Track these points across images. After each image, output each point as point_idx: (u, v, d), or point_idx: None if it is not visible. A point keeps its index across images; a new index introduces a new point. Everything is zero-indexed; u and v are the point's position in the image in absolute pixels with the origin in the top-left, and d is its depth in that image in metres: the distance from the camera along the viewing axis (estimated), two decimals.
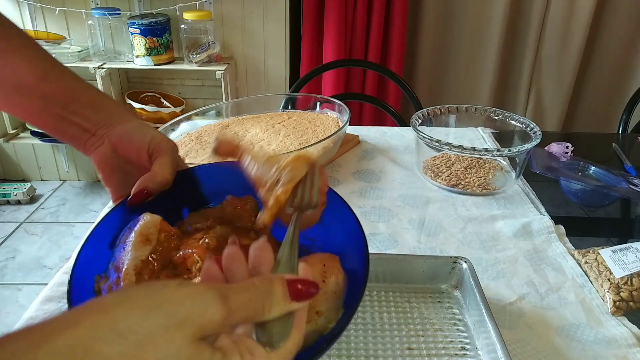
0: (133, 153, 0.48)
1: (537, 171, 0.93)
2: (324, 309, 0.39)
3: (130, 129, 0.49)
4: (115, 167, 0.49)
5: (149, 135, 0.49)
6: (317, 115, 1.09)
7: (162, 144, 0.48)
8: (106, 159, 0.49)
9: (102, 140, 0.49)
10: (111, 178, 0.50)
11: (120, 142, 0.49)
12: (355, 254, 0.42)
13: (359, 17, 2.11)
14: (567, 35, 2.21)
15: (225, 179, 0.50)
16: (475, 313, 0.57)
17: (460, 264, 0.63)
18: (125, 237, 0.42)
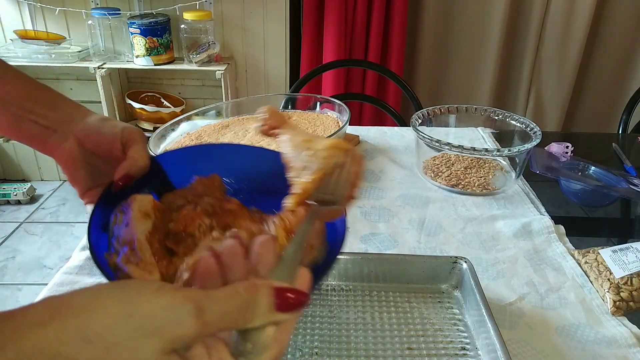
0: (104, 145, 0.49)
1: (537, 171, 0.93)
2: (316, 243, 0.44)
3: (97, 122, 0.50)
4: (82, 161, 0.50)
5: (120, 126, 0.50)
6: (317, 115, 1.09)
7: (134, 133, 0.50)
8: (73, 154, 0.49)
9: (66, 136, 0.49)
10: (78, 172, 0.50)
11: (88, 136, 0.49)
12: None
13: (359, 17, 2.11)
14: (567, 35, 2.21)
15: (187, 165, 0.54)
16: (475, 313, 0.57)
17: (460, 264, 0.63)
18: (121, 218, 0.44)
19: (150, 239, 0.43)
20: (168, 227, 0.45)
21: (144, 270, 0.42)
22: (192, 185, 0.52)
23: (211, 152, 0.57)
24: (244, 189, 0.55)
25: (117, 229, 0.44)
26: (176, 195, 0.50)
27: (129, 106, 2.25)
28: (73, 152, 0.49)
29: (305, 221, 0.37)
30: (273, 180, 0.53)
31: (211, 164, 0.54)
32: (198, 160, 0.54)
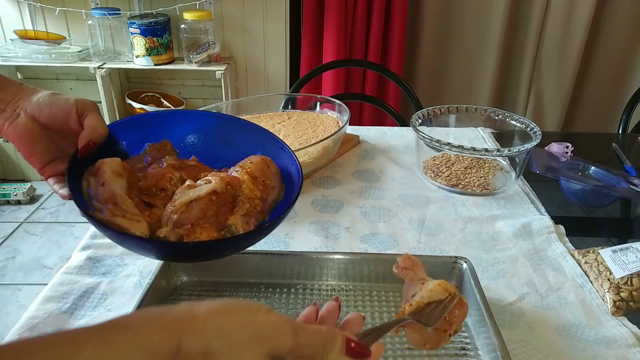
0: (59, 117, 0.50)
1: (537, 171, 0.93)
2: (275, 184, 0.54)
3: (48, 97, 0.51)
4: (37, 136, 0.51)
5: (73, 98, 0.51)
6: (317, 115, 1.09)
7: (88, 103, 0.51)
8: (27, 129, 0.50)
9: (17, 114, 0.50)
10: (35, 147, 0.51)
11: (40, 110, 0.50)
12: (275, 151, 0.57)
13: (359, 17, 2.11)
14: (567, 35, 2.21)
15: (135, 133, 0.57)
16: (476, 313, 0.57)
17: (460, 264, 0.63)
18: (93, 181, 0.48)
19: (129, 194, 0.47)
20: (138, 186, 0.50)
21: (132, 220, 0.46)
22: (146, 151, 0.55)
23: (156, 119, 0.60)
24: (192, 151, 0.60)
25: (93, 190, 0.47)
26: (134, 161, 0.54)
27: (129, 106, 2.25)
28: (27, 127, 0.50)
29: (396, 320, 0.45)
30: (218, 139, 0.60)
31: (158, 131, 0.58)
32: (144, 128, 0.58)
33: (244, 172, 0.52)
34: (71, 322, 0.60)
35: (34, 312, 0.61)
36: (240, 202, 0.50)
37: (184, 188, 0.49)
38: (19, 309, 1.74)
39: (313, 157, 0.90)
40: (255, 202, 0.51)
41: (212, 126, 0.61)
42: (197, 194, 0.47)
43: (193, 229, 0.47)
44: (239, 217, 0.49)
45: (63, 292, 0.64)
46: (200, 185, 0.49)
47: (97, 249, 0.73)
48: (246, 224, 0.49)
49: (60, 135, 0.52)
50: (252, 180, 0.52)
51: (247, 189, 0.51)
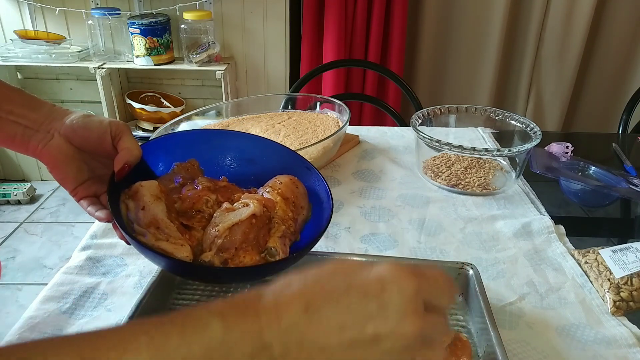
0: (93, 139, 0.51)
1: (537, 171, 0.93)
2: (304, 204, 0.55)
3: (82, 118, 0.51)
4: (70, 158, 0.51)
5: (106, 120, 0.51)
6: (317, 115, 1.09)
7: (122, 125, 0.52)
8: (61, 151, 0.50)
9: (51, 134, 0.50)
10: (68, 170, 0.51)
11: (74, 132, 0.50)
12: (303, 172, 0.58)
13: (359, 17, 2.11)
14: (567, 35, 2.21)
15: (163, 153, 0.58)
16: (479, 320, 0.57)
17: (467, 270, 0.62)
18: (132, 205, 0.48)
19: (169, 217, 0.48)
20: (175, 208, 0.50)
21: (176, 244, 0.47)
22: (174, 170, 0.56)
23: (183, 140, 0.62)
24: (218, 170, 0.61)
25: (133, 214, 0.48)
26: (164, 180, 0.54)
27: (129, 106, 2.25)
28: (61, 149, 0.50)
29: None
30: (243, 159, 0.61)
31: (185, 151, 0.59)
32: (172, 148, 0.59)
33: (276, 194, 0.53)
34: (71, 322, 0.60)
35: (34, 312, 0.61)
36: (276, 223, 0.51)
37: (223, 211, 0.50)
38: (19, 309, 1.74)
39: (313, 157, 0.89)
40: (289, 223, 0.52)
41: (237, 145, 0.62)
42: (239, 218, 0.48)
43: (237, 252, 0.47)
44: (277, 239, 0.50)
45: (63, 292, 0.64)
46: (239, 208, 0.50)
47: (97, 249, 0.73)
48: (284, 246, 0.50)
49: (92, 157, 0.53)
50: (284, 201, 0.53)
51: (281, 210, 0.52)
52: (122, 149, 0.51)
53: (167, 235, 0.47)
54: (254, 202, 0.50)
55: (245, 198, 0.52)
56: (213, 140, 0.62)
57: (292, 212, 0.53)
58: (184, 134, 0.62)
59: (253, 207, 0.49)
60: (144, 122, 2.27)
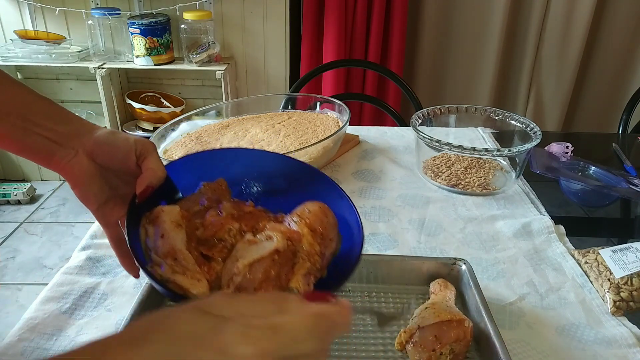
0: (118, 158, 0.49)
1: (537, 171, 0.93)
2: (333, 235, 0.51)
3: (108, 135, 0.49)
4: (93, 176, 0.49)
5: (132, 138, 0.50)
6: (317, 115, 1.09)
7: (148, 144, 0.50)
8: (84, 168, 0.48)
9: (75, 150, 0.48)
10: (90, 188, 0.49)
11: (100, 150, 0.49)
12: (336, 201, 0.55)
13: (359, 17, 2.11)
14: (567, 35, 2.21)
15: (190, 172, 0.55)
16: (475, 314, 0.57)
17: (459, 266, 0.63)
18: (151, 230, 0.46)
19: (188, 247, 0.45)
20: (196, 235, 0.47)
21: (193, 279, 0.43)
22: (201, 190, 0.53)
23: (211, 158, 0.58)
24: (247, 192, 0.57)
25: (152, 241, 0.45)
26: (189, 202, 0.51)
27: (129, 106, 2.25)
28: (85, 167, 0.48)
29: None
30: (272, 180, 0.58)
31: (213, 169, 0.56)
32: (200, 166, 0.56)
33: (303, 225, 0.49)
34: (71, 322, 0.60)
35: (34, 312, 0.61)
36: (301, 259, 0.47)
37: (245, 243, 0.46)
38: (19, 309, 1.74)
39: (313, 157, 0.89)
40: (315, 259, 0.48)
41: (267, 165, 0.59)
42: (260, 254, 0.44)
43: (256, 293, 0.44)
44: (301, 277, 0.46)
45: (63, 292, 0.64)
46: (262, 241, 0.46)
47: (97, 249, 0.73)
48: (307, 285, 0.46)
49: (116, 175, 0.51)
50: (311, 233, 0.49)
51: (307, 243, 0.48)
52: (147, 169, 0.49)
53: (184, 268, 0.44)
54: (277, 236, 0.46)
55: (269, 229, 0.48)
56: (242, 159, 0.59)
57: (319, 245, 0.49)
58: (213, 152, 0.59)
59: (276, 243, 0.45)
60: (144, 122, 2.27)
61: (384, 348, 0.55)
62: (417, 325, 0.52)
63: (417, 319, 0.54)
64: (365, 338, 0.56)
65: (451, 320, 0.52)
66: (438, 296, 0.58)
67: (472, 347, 0.55)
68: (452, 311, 0.53)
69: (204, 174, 0.55)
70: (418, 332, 0.52)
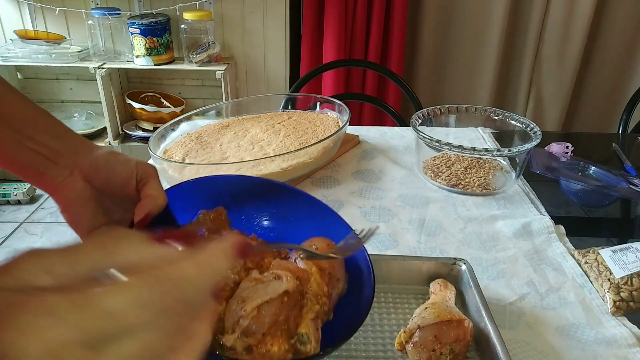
0: (117, 182, 0.45)
1: (537, 171, 0.93)
2: (340, 275, 0.49)
3: (107, 156, 0.45)
4: (88, 200, 0.45)
5: (133, 161, 0.46)
6: (317, 115, 1.09)
7: (148, 168, 0.47)
8: (78, 191, 0.44)
9: (70, 170, 0.44)
10: (82, 213, 0.45)
11: (97, 172, 0.45)
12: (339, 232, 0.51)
13: (359, 17, 2.11)
14: (567, 35, 2.21)
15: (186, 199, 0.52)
16: (475, 314, 0.57)
17: (459, 266, 0.63)
18: None
19: None
20: None
21: None
22: (199, 219, 0.50)
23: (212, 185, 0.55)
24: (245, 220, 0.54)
25: None
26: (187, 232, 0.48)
27: (129, 106, 2.25)
28: (79, 189, 0.44)
29: None
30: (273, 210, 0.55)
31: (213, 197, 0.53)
32: (199, 192, 0.53)
33: (312, 263, 0.46)
34: None
35: None
36: (309, 301, 0.45)
37: (251, 282, 0.43)
38: None
39: (313, 157, 0.89)
40: (323, 301, 0.45)
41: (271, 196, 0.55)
42: (269, 296, 0.41)
43: (264, 338, 0.40)
44: (310, 322, 0.43)
45: None
46: (269, 280, 0.43)
47: None
48: (316, 331, 0.44)
49: (111, 199, 0.47)
50: (319, 272, 0.46)
51: (315, 284, 0.46)
52: (146, 195, 0.45)
53: None
54: (287, 275, 0.43)
55: (277, 267, 0.45)
56: (244, 187, 0.56)
57: (327, 285, 0.46)
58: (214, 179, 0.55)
59: (286, 284, 0.42)
60: (144, 122, 2.27)
61: (383, 348, 0.55)
62: (417, 325, 0.52)
63: (417, 319, 0.54)
64: (365, 338, 0.56)
65: (451, 320, 0.52)
66: (438, 296, 0.58)
67: (472, 347, 0.55)
68: (452, 311, 0.53)
69: (202, 201, 0.52)
70: (418, 332, 0.52)
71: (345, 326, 0.44)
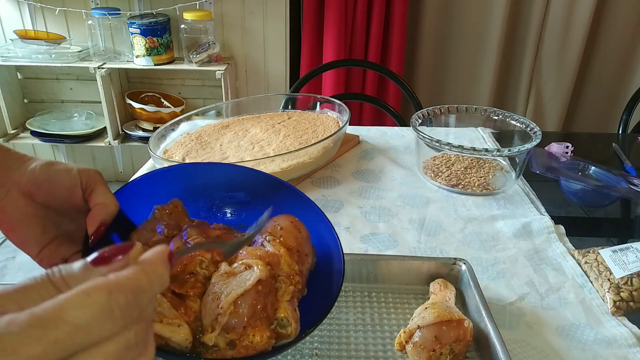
0: (60, 194, 0.42)
1: (537, 171, 0.93)
2: (308, 250, 0.48)
3: (45, 169, 0.42)
4: (32, 216, 0.42)
5: (74, 169, 0.43)
6: (317, 115, 1.09)
7: (92, 174, 0.44)
8: (18, 210, 0.41)
9: (6, 189, 0.41)
10: (27, 231, 0.42)
11: (38, 187, 0.42)
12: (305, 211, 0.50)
13: (359, 17, 2.11)
14: (567, 35, 2.21)
15: (140, 197, 0.50)
16: (475, 314, 0.57)
17: (459, 266, 0.63)
18: None
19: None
20: None
21: (172, 325, 0.38)
22: (155, 215, 0.48)
23: (162, 178, 0.53)
24: (204, 207, 0.53)
25: None
26: (144, 231, 0.46)
27: (129, 106, 2.25)
28: (19, 207, 0.41)
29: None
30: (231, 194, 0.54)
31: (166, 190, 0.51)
32: (151, 189, 0.51)
33: (279, 244, 0.45)
34: None
35: None
36: (283, 283, 0.44)
37: (222, 275, 0.42)
38: None
39: (313, 157, 0.90)
40: (296, 280, 0.45)
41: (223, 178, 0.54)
42: (244, 288, 0.40)
43: (245, 331, 0.40)
44: (287, 305, 0.43)
45: None
46: (240, 271, 0.42)
47: None
48: (294, 311, 0.43)
49: (58, 212, 0.44)
50: (288, 252, 0.45)
51: (286, 264, 0.45)
52: (95, 205, 0.42)
53: (161, 315, 0.38)
54: (258, 264, 0.42)
55: (245, 256, 0.44)
56: (195, 175, 0.54)
57: (297, 263, 0.45)
58: (162, 172, 0.53)
59: (258, 273, 0.41)
60: (144, 122, 2.27)
61: (383, 348, 0.55)
62: (417, 325, 0.53)
63: (417, 319, 0.54)
64: (365, 338, 0.56)
65: (451, 320, 0.52)
66: (438, 296, 0.58)
67: (472, 347, 0.55)
68: (452, 311, 0.53)
69: (156, 197, 0.50)
70: (418, 332, 0.52)
71: (321, 300, 0.44)
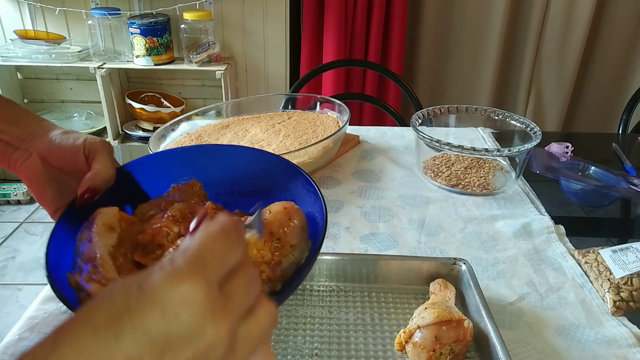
0: (67, 159, 0.48)
1: (537, 171, 0.93)
2: (295, 242, 0.44)
3: (58, 136, 0.48)
4: (48, 179, 0.48)
5: (82, 138, 0.48)
6: (317, 115, 1.09)
7: (97, 143, 0.48)
8: (37, 171, 0.48)
9: (29, 153, 0.48)
10: (45, 191, 0.48)
11: (51, 152, 0.48)
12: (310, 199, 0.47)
13: (359, 17, 2.11)
14: (567, 35, 2.21)
15: (162, 172, 0.51)
16: (475, 314, 0.57)
17: (459, 266, 0.63)
18: (86, 234, 0.41)
19: (114, 253, 0.40)
20: (136, 240, 0.42)
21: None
22: (169, 192, 0.48)
23: (185, 157, 0.54)
24: (225, 192, 0.52)
25: (82, 246, 0.41)
26: (151, 205, 0.47)
27: (129, 106, 2.25)
28: (37, 169, 0.48)
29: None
30: (252, 181, 0.52)
31: (186, 169, 0.51)
32: (172, 166, 0.52)
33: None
34: None
35: (34, 312, 0.61)
36: None
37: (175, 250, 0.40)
38: (19, 309, 1.74)
39: (313, 157, 0.90)
40: (262, 268, 0.41)
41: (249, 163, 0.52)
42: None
43: None
44: None
45: None
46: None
47: None
48: None
49: (73, 178, 0.48)
50: (267, 238, 0.42)
51: (255, 249, 0.42)
52: (91, 170, 0.46)
53: (101, 276, 0.37)
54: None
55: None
56: (218, 155, 0.53)
57: (271, 252, 0.42)
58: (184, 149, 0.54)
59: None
60: (144, 122, 2.27)
61: (383, 348, 0.55)
62: (417, 325, 0.53)
63: (417, 319, 0.54)
64: (365, 338, 0.56)
65: (451, 320, 0.52)
66: (438, 296, 0.58)
67: (472, 347, 0.55)
68: (452, 311, 0.53)
69: (176, 174, 0.50)
70: (418, 332, 0.52)
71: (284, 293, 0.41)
